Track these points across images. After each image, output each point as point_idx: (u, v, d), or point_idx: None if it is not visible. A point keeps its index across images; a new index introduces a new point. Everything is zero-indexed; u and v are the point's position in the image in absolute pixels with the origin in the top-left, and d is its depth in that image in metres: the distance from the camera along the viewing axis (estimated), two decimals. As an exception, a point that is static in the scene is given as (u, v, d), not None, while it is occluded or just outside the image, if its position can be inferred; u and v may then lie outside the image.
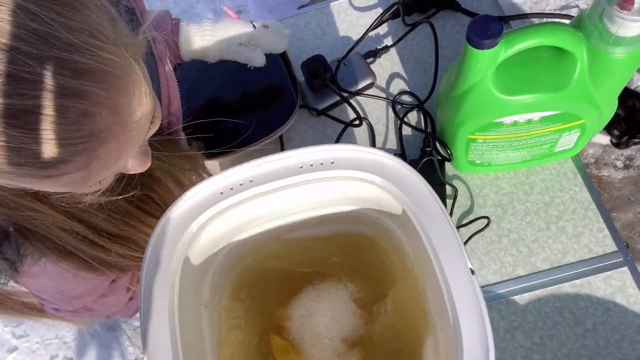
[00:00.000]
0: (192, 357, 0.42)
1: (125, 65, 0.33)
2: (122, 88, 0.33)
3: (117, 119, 0.34)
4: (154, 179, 0.53)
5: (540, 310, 0.66)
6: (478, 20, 0.52)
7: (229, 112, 0.80)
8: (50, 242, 0.46)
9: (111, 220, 0.49)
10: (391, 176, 0.44)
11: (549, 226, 0.69)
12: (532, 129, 0.62)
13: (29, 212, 0.43)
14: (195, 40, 0.66)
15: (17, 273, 0.45)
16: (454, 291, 0.39)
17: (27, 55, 0.29)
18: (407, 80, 0.82)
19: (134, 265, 0.53)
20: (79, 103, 0.31)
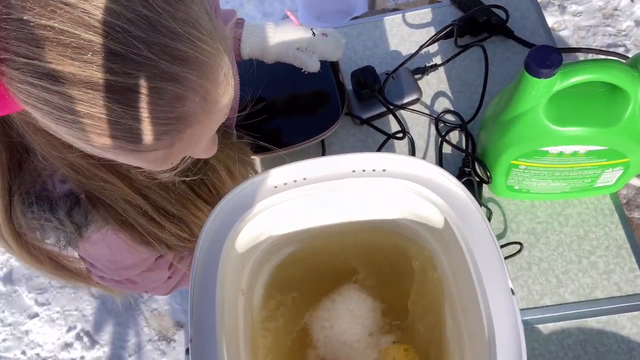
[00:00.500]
0: (229, 339, 0.43)
1: (217, 56, 0.36)
2: (213, 77, 0.36)
3: (204, 106, 0.36)
4: (209, 166, 0.56)
5: (563, 341, 0.66)
6: (538, 49, 0.53)
7: (276, 111, 0.82)
8: (115, 213, 0.48)
9: (170, 200, 0.52)
10: (440, 190, 0.45)
11: (580, 260, 0.70)
12: (577, 162, 0.63)
13: (101, 183, 0.46)
14: (256, 40, 0.69)
15: (80, 237, 0.48)
16: (493, 309, 0.40)
17: (137, 38, 0.31)
18: (452, 99, 0.83)
19: (181, 245, 0.56)
20: (176, 87, 0.33)
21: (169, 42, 0.32)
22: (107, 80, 0.31)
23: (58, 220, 0.47)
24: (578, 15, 1.71)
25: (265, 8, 1.83)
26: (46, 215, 0.47)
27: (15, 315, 1.46)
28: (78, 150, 0.42)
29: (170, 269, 0.64)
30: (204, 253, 0.43)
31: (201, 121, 0.37)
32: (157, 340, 1.37)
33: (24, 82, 0.32)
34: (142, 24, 0.31)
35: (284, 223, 0.52)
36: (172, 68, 0.33)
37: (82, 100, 0.32)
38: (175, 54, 0.33)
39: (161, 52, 0.32)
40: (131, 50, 0.31)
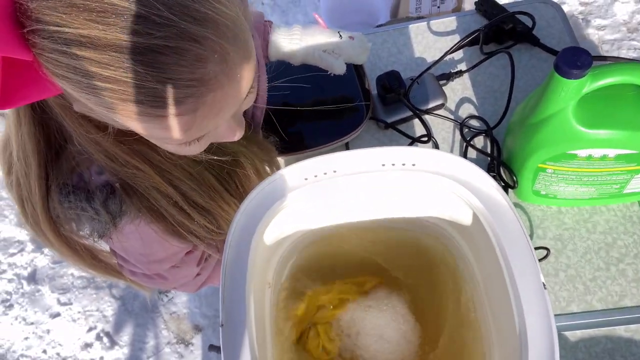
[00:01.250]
0: (257, 326, 0.44)
1: (237, 19, 0.37)
2: (232, 38, 0.36)
3: (225, 68, 0.36)
4: (238, 163, 0.56)
5: (591, 349, 0.64)
6: (569, 50, 0.53)
7: (302, 114, 0.83)
8: (147, 202, 0.49)
9: (199, 192, 0.52)
10: (470, 185, 0.45)
11: (608, 267, 0.68)
12: (605, 166, 0.62)
13: (134, 170, 0.47)
14: (284, 42, 0.70)
15: (115, 228, 0.49)
16: (525, 304, 0.39)
17: (157, 0, 0.32)
18: (476, 105, 0.83)
19: (209, 238, 0.56)
20: (196, 47, 0.34)
21: (188, 3, 0.33)
22: (130, 42, 0.32)
23: (94, 210, 0.48)
24: (602, 29, 1.70)
25: (289, 19, 1.87)
26: (82, 204, 0.48)
27: (38, 315, 1.48)
28: (110, 133, 0.43)
29: (199, 265, 0.65)
30: (235, 242, 0.44)
31: (223, 86, 0.37)
32: (175, 343, 1.38)
33: (54, 50, 0.33)
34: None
35: (312, 217, 0.52)
36: (192, 28, 0.34)
37: (108, 64, 0.33)
38: (195, 15, 0.34)
39: (181, 12, 0.33)
40: (152, 12, 0.32)
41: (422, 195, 0.51)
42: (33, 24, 0.33)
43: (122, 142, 0.46)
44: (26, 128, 0.45)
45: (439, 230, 0.56)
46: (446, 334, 0.56)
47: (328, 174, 0.47)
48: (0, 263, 1.57)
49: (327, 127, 0.83)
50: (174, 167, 0.50)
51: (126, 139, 0.45)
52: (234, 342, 0.41)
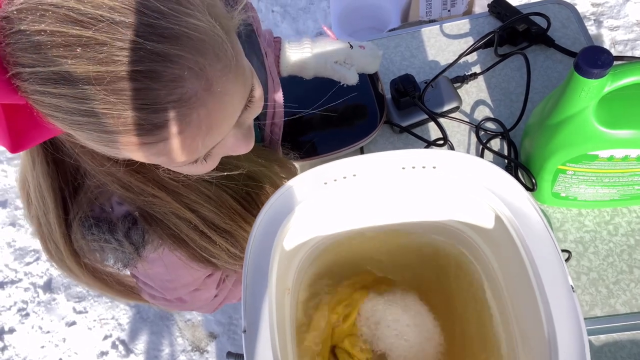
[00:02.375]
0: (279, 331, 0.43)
1: (210, 31, 0.34)
2: (207, 52, 0.34)
3: (204, 84, 0.34)
4: (255, 181, 0.56)
5: (616, 354, 0.63)
6: (589, 49, 0.52)
7: (317, 119, 0.83)
8: (168, 229, 0.49)
9: (217, 213, 0.51)
10: (492, 186, 0.45)
11: (632, 270, 0.67)
12: (627, 167, 0.61)
13: (150, 198, 0.46)
14: (295, 56, 0.70)
15: (139, 257, 0.49)
16: (553, 307, 0.39)
17: (120, 24, 0.31)
18: (492, 108, 0.83)
19: (232, 262, 0.56)
20: (168, 67, 0.32)
21: (153, 21, 0.32)
22: (99, 72, 0.31)
23: (117, 242, 0.48)
24: (615, 29, 1.69)
25: (299, 26, 1.87)
26: (105, 236, 0.47)
27: (54, 323, 1.49)
28: (121, 163, 0.43)
29: (218, 287, 0.65)
30: (255, 247, 0.44)
31: (207, 103, 0.35)
32: (190, 351, 1.38)
33: (35, 91, 0.32)
34: (124, 10, 0.31)
35: (332, 221, 0.52)
36: (161, 48, 0.32)
37: (83, 99, 0.32)
38: (163, 33, 0.32)
39: (147, 33, 0.32)
40: (116, 37, 0.31)
41: (443, 198, 0.50)
42: (12, 67, 0.32)
43: (136, 171, 0.45)
44: (40, 167, 0.45)
45: (459, 234, 0.55)
46: (467, 340, 0.55)
47: (348, 178, 0.47)
48: (16, 272, 1.59)
49: (342, 132, 0.83)
50: (190, 191, 0.49)
51: (139, 167, 0.45)
52: (257, 347, 0.40)
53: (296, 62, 0.71)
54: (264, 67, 0.60)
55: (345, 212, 0.52)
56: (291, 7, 1.92)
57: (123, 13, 0.31)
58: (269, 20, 1.90)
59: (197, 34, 0.33)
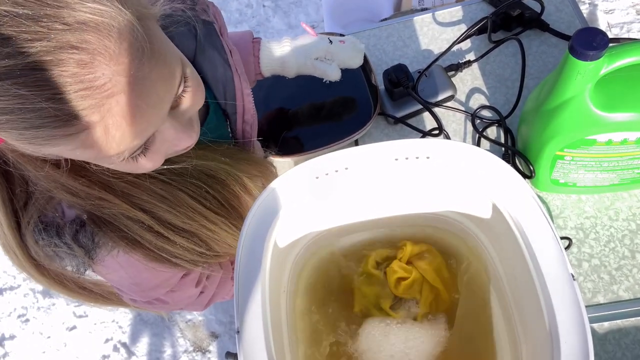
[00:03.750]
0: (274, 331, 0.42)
1: (116, 14, 0.34)
2: (115, 36, 0.34)
3: (117, 69, 0.34)
4: (218, 180, 0.54)
5: (620, 341, 0.62)
6: (583, 31, 0.51)
7: (309, 114, 0.82)
8: (119, 231, 0.48)
9: (174, 213, 0.50)
10: (488, 175, 0.44)
11: (634, 255, 0.66)
12: (626, 150, 0.60)
13: (97, 201, 0.46)
14: (275, 56, 0.70)
15: (91, 261, 0.48)
16: (553, 296, 0.37)
17: (23, 16, 0.31)
18: (487, 95, 0.81)
19: (200, 261, 0.55)
20: (74, 54, 0.32)
21: (55, 11, 0.32)
22: (7, 67, 0.31)
23: (66, 245, 0.47)
24: (610, 12, 1.67)
25: (291, 21, 1.85)
26: (55, 241, 0.46)
27: (54, 328, 1.49)
28: (63, 167, 0.42)
29: (199, 285, 0.63)
30: (247, 246, 0.43)
31: (125, 89, 0.35)
32: (192, 352, 1.37)
33: None
34: (27, 2, 0.31)
35: (325, 216, 0.51)
36: (66, 35, 0.32)
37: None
38: (66, 21, 0.32)
39: (51, 22, 0.31)
40: (20, 30, 0.31)
41: (438, 189, 0.49)
42: None
43: (79, 175, 0.44)
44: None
45: (457, 225, 0.54)
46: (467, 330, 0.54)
47: (340, 171, 0.45)
48: (15, 278, 1.58)
49: (335, 125, 0.81)
50: (141, 192, 0.48)
51: (82, 171, 0.44)
52: (251, 348, 0.39)
53: (276, 61, 0.70)
54: (229, 64, 0.59)
55: (339, 207, 0.51)
56: (282, 2, 1.90)
57: (26, 6, 0.31)
58: (261, 15, 1.88)
59: (102, 19, 0.33)
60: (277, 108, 0.84)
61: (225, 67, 0.58)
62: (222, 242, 0.56)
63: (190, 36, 0.56)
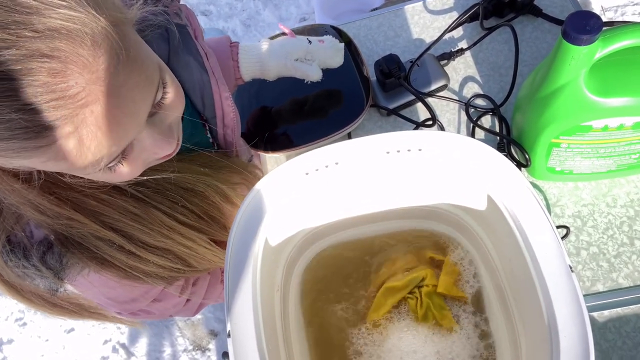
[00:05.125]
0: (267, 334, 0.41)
1: (89, 21, 0.32)
2: (90, 44, 0.32)
3: (91, 77, 0.32)
4: (196, 193, 0.53)
5: (621, 329, 0.61)
6: (576, 14, 0.50)
7: (301, 108, 0.81)
8: (88, 252, 0.46)
9: (146, 231, 0.49)
10: (482, 165, 0.42)
11: (632, 242, 0.65)
12: (623, 136, 0.59)
13: (66, 221, 0.44)
14: (253, 59, 0.68)
15: (61, 282, 0.46)
16: (551, 289, 0.36)
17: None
18: (481, 84, 0.80)
19: (177, 276, 0.53)
20: (45, 62, 0.30)
21: (25, 18, 0.30)
22: None
23: (34, 267, 0.45)
24: (604, -4, 1.65)
25: (282, 13, 1.83)
26: (22, 262, 0.45)
27: (52, 331, 1.48)
28: (35, 183, 0.40)
29: (184, 294, 0.62)
30: (236, 246, 0.42)
31: (99, 98, 0.33)
32: (191, 350, 1.37)
33: None
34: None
35: (317, 212, 0.50)
36: (35, 43, 0.30)
37: None
38: (36, 27, 0.30)
39: (19, 29, 0.30)
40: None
41: (432, 181, 0.48)
42: None
43: (50, 192, 0.43)
44: None
45: (452, 217, 0.53)
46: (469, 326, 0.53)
47: (330, 167, 0.44)
48: (12, 282, 1.57)
49: (327, 119, 0.80)
50: (112, 210, 0.46)
51: (52, 187, 0.43)
52: (245, 351, 0.38)
53: (256, 64, 0.69)
54: (204, 68, 0.57)
55: (331, 202, 0.50)
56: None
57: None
58: (251, 8, 1.86)
59: (73, 25, 0.31)
60: (262, 106, 0.83)
61: (201, 70, 0.56)
62: (201, 258, 0.54)
63: (162, 40, 0.54)
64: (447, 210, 0.52)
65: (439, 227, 0.55)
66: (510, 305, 0.46)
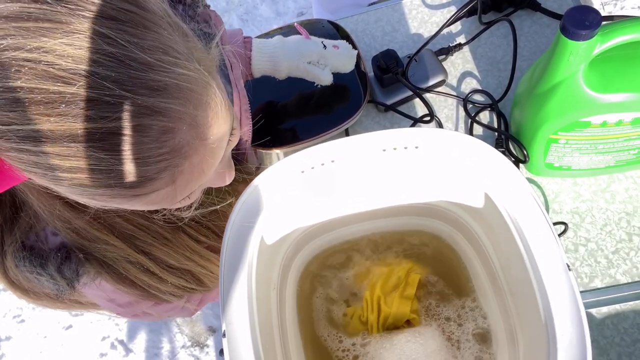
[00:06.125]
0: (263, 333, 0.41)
1: (199, 79, 0.33)
2: (198, 102, 0.33)
3: (196, 133, 0.33)
4: (218, 213, 0.53)
5: (619, 325, 0.61)
6: (575, 9, 0.49)
7: (298, 105, 0.80)
8: (116, 272, 0.47)
9: (172, 254, 0.49)
10: (479, 162, 0.42)
11: (631, 238, 0.65)
12: (622, 132, 0.58)
13: (103, 245, 0.44)
14: (266, 57, 0.68)
15: (73, 290, 0.47)
16: (548, 288, 0.36)
17: (106, 79, 0.29)
18: (479, 79, 0.79)
19: (188, 294, 0.54)
20: (159, 120, 0.31)
21: (141, 74, 0.30)
22: (86, 129, 0.29)
23: (49, 275, 0.46)
24: (603, -10, 1.64)
25: (279, 8, 1.82)
26: (37, 269, 0.45)
27: (50, 327, 1.48)
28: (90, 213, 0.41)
29: (182, 298, 0.62)
30: (231, 245, 0.41)
31: (198, 150, 0.34)
32: (190, 347, 1.37)
33: (11, 149, 0.31)
34: (109, 63, 0.29)
35: (314, 210, 0.49)
36: (150, 101, 0.30)
37: (68, 156, 0.30)
38: (151, 85, 0.30)
39: (135, 86, 0.30)
40: (103, 93, 0.29)
41: (429, 178, 0.47)
42: None
43: (95, 219, 0.43)
44: None
45: (449, 214, 0.53)
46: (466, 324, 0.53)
47: (326, 164, 0.44)
48: (10, 278, 1.56)
49: (324, 115, 0.79)
50: (146, 234, 0.47)
51: (100, 214, 0.43)
52: (240, 351, 0.38)
53: (268, 62, 0.68)
54: (229, 80, 0.57)
55: (327, 200, 0.49)
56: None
57: (109, 67, 0.29)
58: (248, 3, 1.84)
59: (186, 84, 0.32)
60: (267, 101, 0.82)
61: (225, 82, 0.56)
62: (215, 278, 0.55)
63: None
64: (444, 208, 0.52)
65: (437, 225, 0.54)
66: (507, 304, 0.45)
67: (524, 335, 0.42)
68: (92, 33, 0.29)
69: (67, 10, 0.29)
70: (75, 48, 0.29)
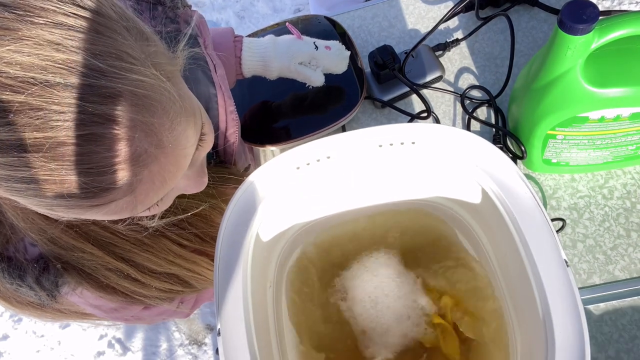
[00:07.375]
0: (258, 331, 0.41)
1: (155, 85, 0.32)
2: (154, 109, 0.32)
3: (153, 141, 0.32)
4: (200, 216, 0.52)
5: (617, 322, 0.61)
6: (572, 3, 0.48)
7: (295, 102, 0.80)
8: (95, 280, 0.46)
9: (154, 260, 0.48)
10: (476, 158, 0.42)
11: (629, 234, 0.65)
12: (620, 127, 0.58)
13: (80, 253, 0.43)
14: (257, 57, 0.67)
15: (54, 300, 0.46)
16: (546, 284, 0.36)
17: (55, 86, 0.28)
18: (476, 75, 0.79)
19: (175, 296, 0.53)
20: (111, 129, 0.30)
21: (92, 81, 0.29)
22: (35, 139, 0.28)
23: (28, 287, 0.45)
24: (601, -15, 1.63)
25: (276, 4, 1.81)
26: (17, 281, 0.44)
27: (48, 327, 1.47)
28: (62, 223, 0.40)
29: (175, 301, 0.62)
30: (226, 242, 0.41)
31: (158, 158, 0.33)
32: (188, 345, 1.36)
33: None
34: (59, 70, 0.28)
35: (310, 207, 0.49)
36: (102, 109, 0.29)
37: (20, 167, 0.29)
38: (103, 93, 0.29)
39: (86, 94, 0.29)
40: (51, 101, 0.28)
41: (426, 174, 0.47)
42: None
43: (70, 227, 0.42)
44: None
45: (447, 211, 0.52)
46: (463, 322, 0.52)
47: (321, 161, 0.43)
48: (7, 277, 1.56)
49: (321, 111, 0.79)
50: (125, 241, 0.46)
51: (75, 223, 0.42)
52: (235, 350, 0.38)
53: (258, 62, 0.67)
54: (212, 81, 0.55)
55: (323, 197, 0.49)
56: (267, -15, 1.85)
57: (58, 74, 0.28)
58: (245, 0, 1.83)
59: (141, 91, 0.31)
60: (261, 101, 0.81)
61: (208, 84, 0.55)
62: (202, 279, 0.54)
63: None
64: (441, 204, 0.51)
65: (434, 222, 0.54)
66: (505, 301, 0.45)
67: (522, 331, 0.41)
68: (41, 40, 0.28)
69: (15, 16, 0.28)
70: (23, 55, 0.27)
